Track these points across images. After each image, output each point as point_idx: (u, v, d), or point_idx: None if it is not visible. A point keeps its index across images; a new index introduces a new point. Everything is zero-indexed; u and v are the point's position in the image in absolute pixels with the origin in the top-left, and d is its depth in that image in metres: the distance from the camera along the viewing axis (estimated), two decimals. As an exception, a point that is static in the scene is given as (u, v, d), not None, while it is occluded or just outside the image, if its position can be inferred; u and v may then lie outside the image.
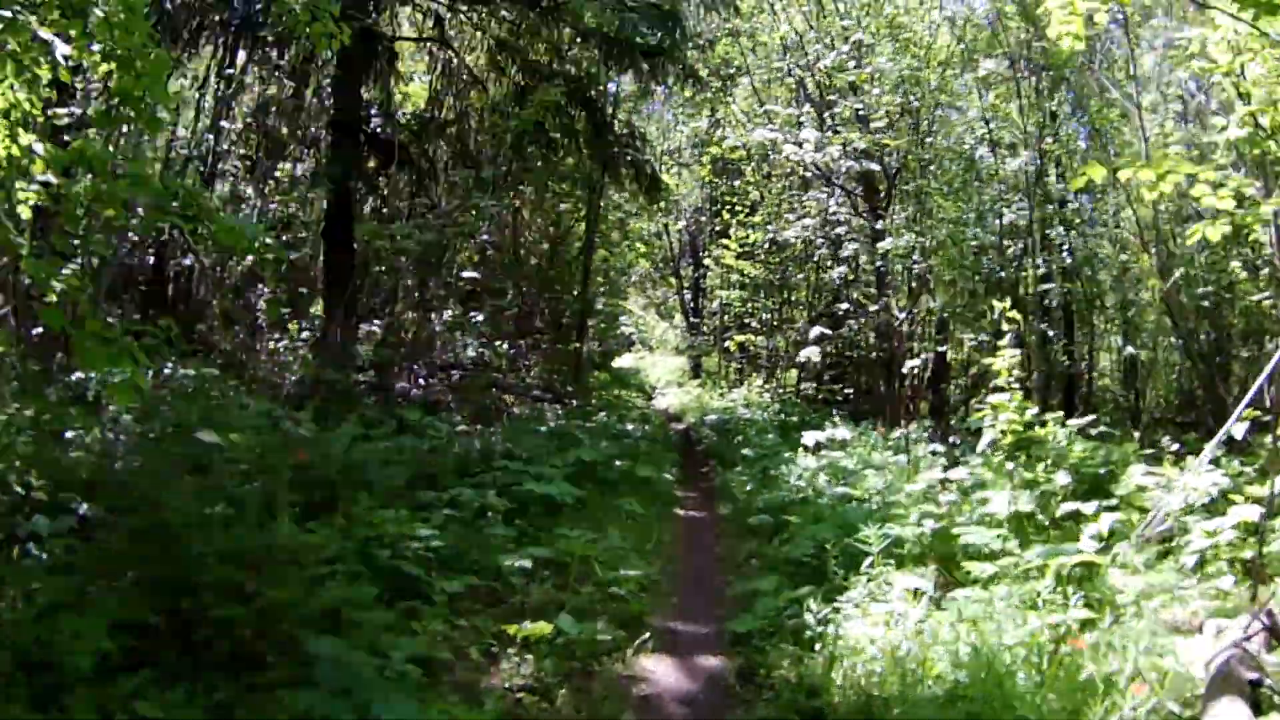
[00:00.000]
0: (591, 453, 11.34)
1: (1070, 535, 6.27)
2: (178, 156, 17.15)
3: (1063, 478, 7.56)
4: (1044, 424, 7.92)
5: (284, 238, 18.51)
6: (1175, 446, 9.86)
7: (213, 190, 17.92)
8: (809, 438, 11.87)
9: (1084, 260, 16.00)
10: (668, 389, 32.49)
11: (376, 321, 12.64)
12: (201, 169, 17.43)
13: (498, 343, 21.26)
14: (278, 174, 18.21)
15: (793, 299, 23.13)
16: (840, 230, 15.41)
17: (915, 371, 14.03)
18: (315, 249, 16.63)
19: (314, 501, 6.50)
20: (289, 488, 6.17)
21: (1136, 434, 13.51)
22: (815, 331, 14.47)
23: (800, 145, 14.43)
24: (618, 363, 37.53)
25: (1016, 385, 7.86)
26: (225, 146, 17.72)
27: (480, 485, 9.36)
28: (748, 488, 10.90)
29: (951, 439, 12.46)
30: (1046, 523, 6.50)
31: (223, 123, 16.92)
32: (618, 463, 12.28)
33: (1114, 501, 7.91)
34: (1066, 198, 16.47)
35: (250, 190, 18.31)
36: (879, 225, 14.77)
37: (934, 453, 11.06)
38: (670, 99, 27.46)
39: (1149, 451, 9.38)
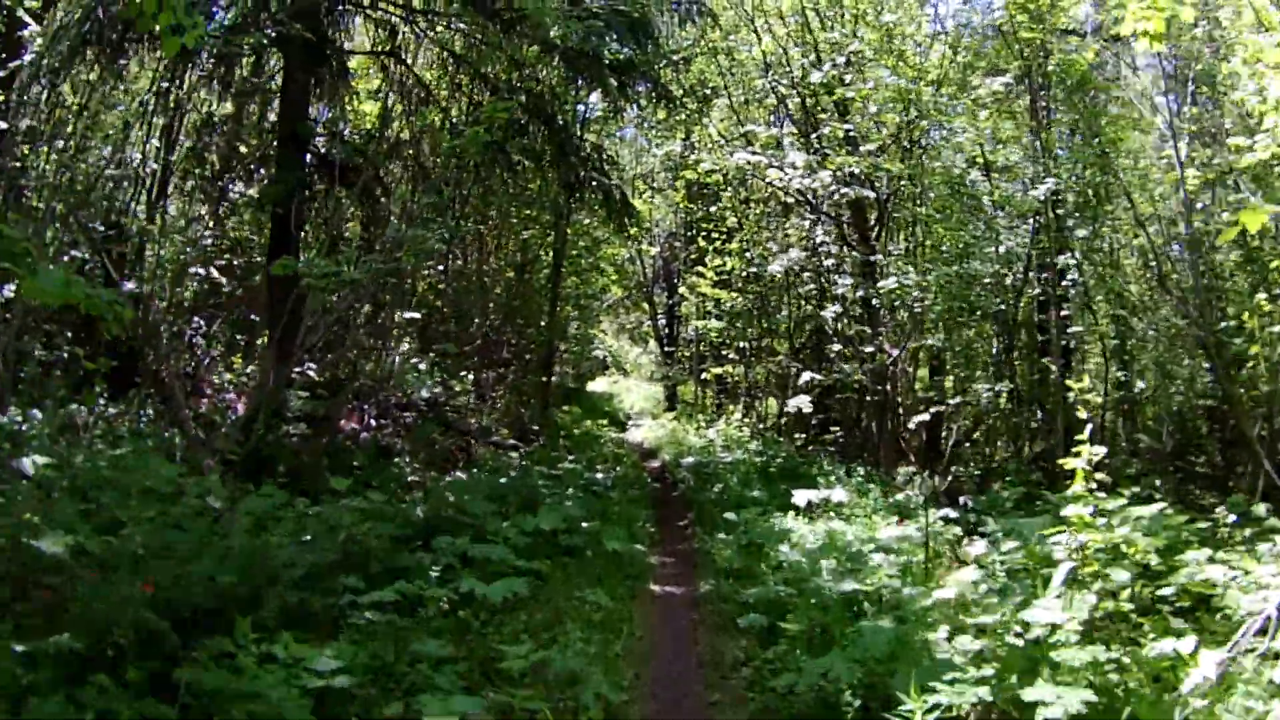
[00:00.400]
0: (553, 517, 9.91)
1: (1170, 681, 4.91)
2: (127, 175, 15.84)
3: (1120, 575, 6.21)
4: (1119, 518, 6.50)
5: (236, 264, 17.16)
6: (1232, 518, 8.63)
7: (162, 212, 16.54)
8: (800, 497, 10.52)
9: (1097, 289, 14.74)
10: (642, 418, 31.11)
11: (311, 366, 11.16)
12: (148, 189, 16.06)
13: (462, 374, 19.89)
14: (231, 195, 16.90)
15: (773, 328, 21.76)
16: (829, 263, 14.07)
17: (919, 425, 12.67)
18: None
19: (160, 656, 5.01)
20: (135, 629, 4.75)
21: (1154, 480, 12.27)
22: (805, 376, 13.13)
23: (787, 169, 13.03)
24: (591, 386, 36.29)
25: (1101, 492, 6.40)
26: (165, 165, 16.27)
27: (419, 569, 7.95)
28: (732, 561, 9.49)
29: (963, 499, 11.11)
30: (1133, 666, 5.10)
31: (153, 141, 15.50)
32: (585, 524, 10.88)
33: (1182, 598, 6.67)
34: (1066, 225, 15.25)
35: (204, 211, 16.98)
36: (873, 258, 13.42)
37: (946, 519, 9.74)
38: (643, 122, 26.24)
39: (1202, 525, 8.10)
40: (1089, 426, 6.54)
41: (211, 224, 16.81)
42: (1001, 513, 10.69)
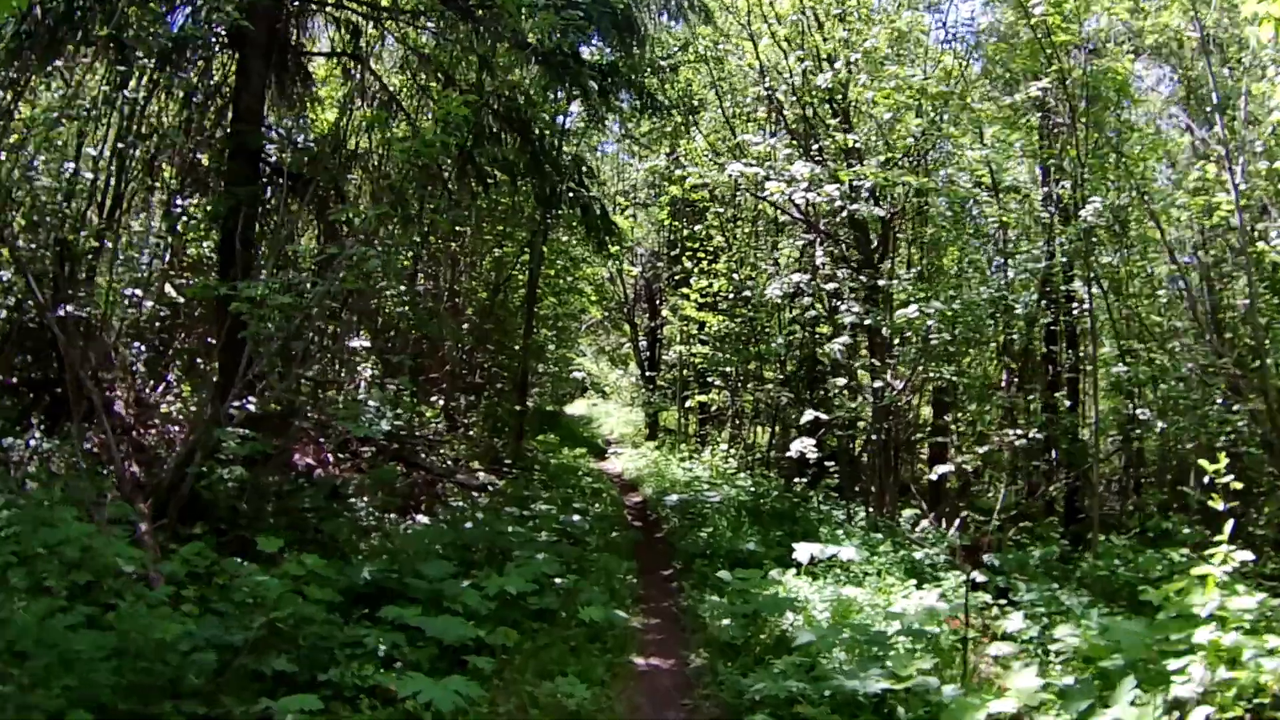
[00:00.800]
0: (522, 576, 8.60)
1: None
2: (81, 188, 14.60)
3: (1197, 671, 5.01)
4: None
5: (189, 281, 15.86)
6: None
7: (115, 228, 15.30)
8: (802, 551, 9.28)
9: (1124, 319, 13.60)
10: (622, 446, 29.84)
11: (251, 400, 9.84)
12: (99, 204, 14.80)
13: (433, 399, 18.61)
14: (187, 210, 15.67)
15: (762, 354, 20.50)
16: (830, 287, 12.83)
17: (945, 476, 11.44)
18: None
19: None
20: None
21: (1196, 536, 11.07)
22: (808, 415, 11.88)
23: (790, 182, 11.76)
24: (569, 410, 35.07)
25: (1248, 620, 5.11)
26: (120, 179, 14.96)
27: (360, 649, 6.69)
28: (729, 633, 8.20)
29: (988, 558, 9.85)
30: None
31: (89, 149, 14.22)
32: (559, 580, 9.61)
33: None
34: (1087, 250, 14.10)
35: (159, 227, 15.75)
36: (881, 282, 12.21)
37: (975, 583, 8.52)
38: (626, 135, 25.12)
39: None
40: (1230, 523, 5.30)
41: (169, 241, 15.61)
42: (1027, 573, 9.50)
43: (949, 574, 9.25)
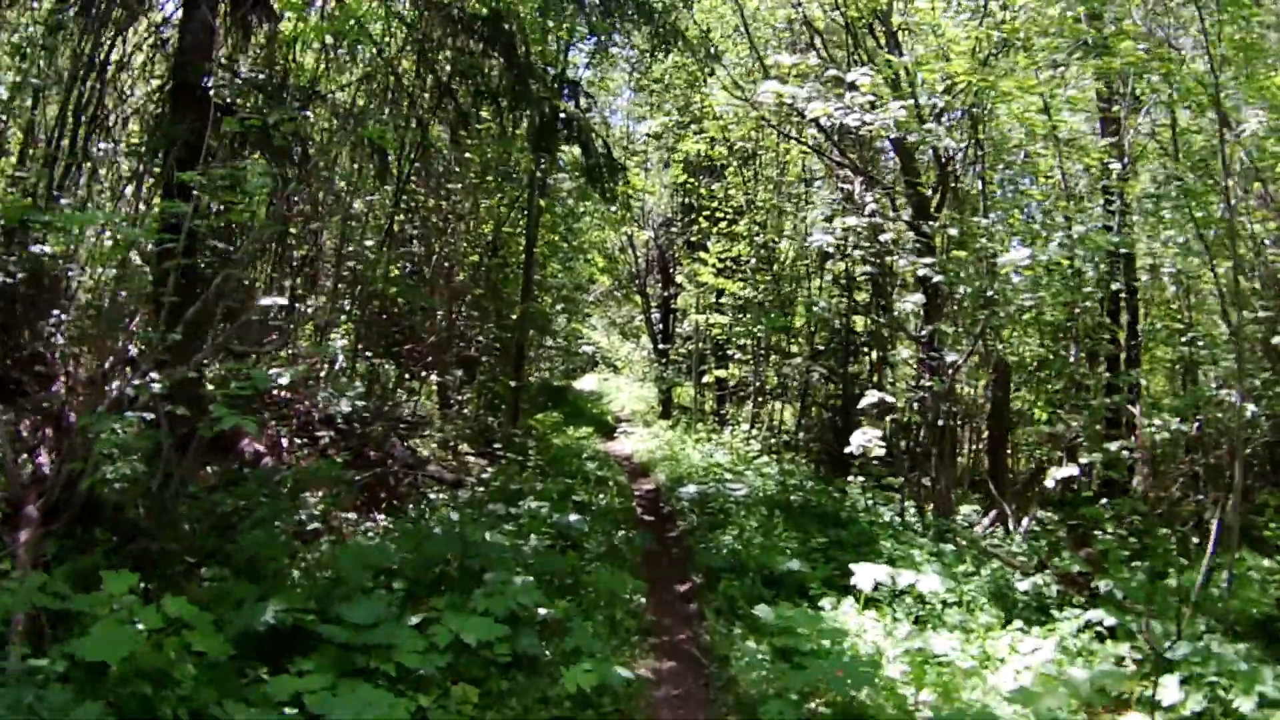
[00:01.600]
0: (483, 621, 6.29)
1: None
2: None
3: None
4: None
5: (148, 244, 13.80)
6: None
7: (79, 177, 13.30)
8: (863, 576, 7.07)
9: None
10: (633, 424, 27.66)
11: (154, 376, 7.63)
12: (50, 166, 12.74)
13: (421, 374, 16.56)
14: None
15: (788, 326, 18.19)
16: (886, 237, 10.52)
17: (1063, 481, 9.17)
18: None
19: None
20: None
21: None
22: (871, 396, 9.63)
23: (836, 101, 9.35)
24: (578, 384, 33.06)
25: None
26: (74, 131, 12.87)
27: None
28: (775, 710, 5.83)
29: (1106, 586, 7.54)
30: None
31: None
32: (543, 611, 7.34)
33: None
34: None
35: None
36: (950, 230, 9.92)
37: (1104, 630, 6.30)
38: (638, 83, 22.97)
39: None
40: None
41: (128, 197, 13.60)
42: (1156, 605, 7.23)
43: (1061, 610, 7.02)
